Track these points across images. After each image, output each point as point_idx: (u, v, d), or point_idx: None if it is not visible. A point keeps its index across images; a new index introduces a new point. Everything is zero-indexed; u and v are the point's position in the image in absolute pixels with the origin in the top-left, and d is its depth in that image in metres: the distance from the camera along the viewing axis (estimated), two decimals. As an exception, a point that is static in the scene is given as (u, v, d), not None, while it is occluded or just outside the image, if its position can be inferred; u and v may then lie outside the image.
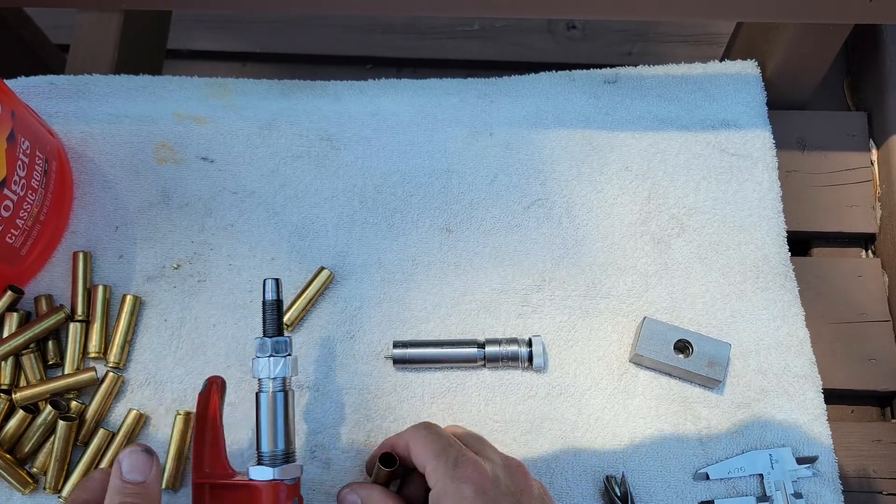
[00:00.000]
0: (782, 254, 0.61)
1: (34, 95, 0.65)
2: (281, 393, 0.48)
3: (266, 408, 0.48)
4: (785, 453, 0.54)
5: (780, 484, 0.54)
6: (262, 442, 0.48)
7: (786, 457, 0.54)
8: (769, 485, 0.54)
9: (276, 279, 0.50)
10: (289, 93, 0.67)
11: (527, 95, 0.67)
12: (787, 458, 0.54)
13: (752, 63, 0.69)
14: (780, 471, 0.54)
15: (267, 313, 0.49)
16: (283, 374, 0.49)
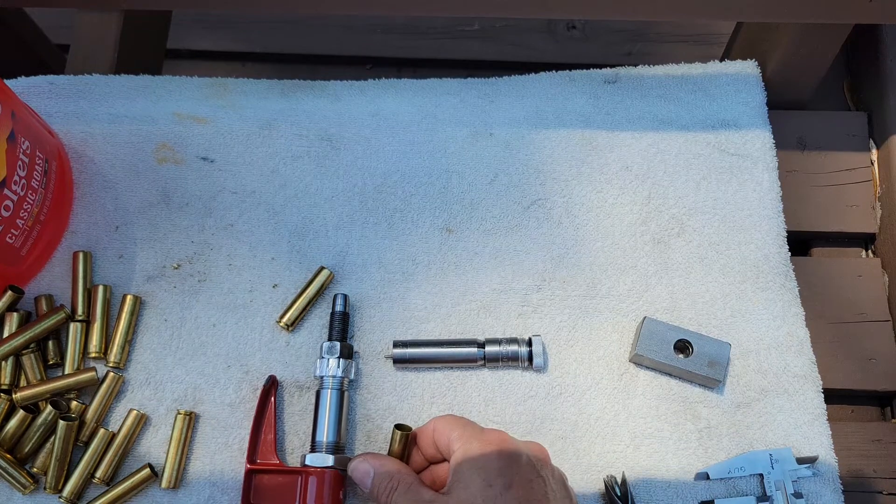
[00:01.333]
0: (782, 254, 0.62)
1: (34, 95, 0.65)
2: (339, 391, 0.54)
3: (325, 402, 0.54)
4: (785, 453, 0.54)
5: (780, 484, 0.54)
6: (319, 432, 0.53)
7: (786, 457, 0.54)
8: (769, 484, 0.54)
9: (344, 295, 0.58)
10: (289, 93, 0.67)
11: (527, 95, 0.67)
12: (788, 457, 0.54)
13: (752, 63, 0.69)
14: (780, 471, 0.54)
15: (335, 322, 0.57)
16: (344, 374, 0.55)
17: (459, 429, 0.48)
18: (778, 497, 0.52)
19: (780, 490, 0.53)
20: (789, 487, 0.53)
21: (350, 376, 0.56)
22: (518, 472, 0.44)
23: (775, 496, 0.52)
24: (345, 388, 0.55)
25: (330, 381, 0.55)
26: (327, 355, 0.55)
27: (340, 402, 0.54)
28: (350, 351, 0.56)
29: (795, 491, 0.54)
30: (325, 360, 0.55)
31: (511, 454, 0.45)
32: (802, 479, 0.54)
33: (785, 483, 0.53)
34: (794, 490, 0.54)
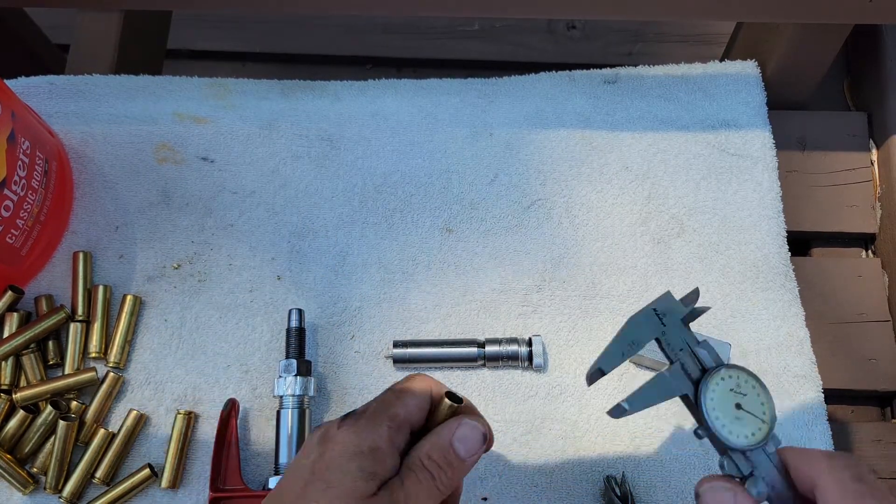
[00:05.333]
0: (782, 254, 0.61)
1: (34, 96, 0.65)
2: (299, 410, 0.53)
3: (286, 422, 0.53)
4: (668, 303, 0.51)
5: (679, 342, 0.50)
6: (282, 454, 0.52)
7: (672, 307, 0.51)
8: (668, 348, 0.50)
9: (299, 309, 0.56)
10: (289, 93, 0.67)
11: (527, 96, 0.67)
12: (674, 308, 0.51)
13: (752, 63, 0.69)
14: (672, 328, 0.50)
15: (291, 339, 0.55)
16: (303, 392, 0.54)
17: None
18: (684, 358, 0.43)
19: (683, 349, 0.43)
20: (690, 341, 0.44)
21: (310, 393, 0.54)
22: None
23: (680, 357, 0.43)
24: (305, 406, 0.54)
25: (290, 399, 0.53)
26: (284, 374, 0.54)
27: (301, 420, 0.53)
28: (308, 368, 0.55)
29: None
30: (282, 379, 0.54)
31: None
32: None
33: (687, 340, 0.44)
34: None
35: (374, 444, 0.38)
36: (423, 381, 0.43)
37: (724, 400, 0.40)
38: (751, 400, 0.40)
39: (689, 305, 0.44)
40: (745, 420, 0.40)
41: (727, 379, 0.41)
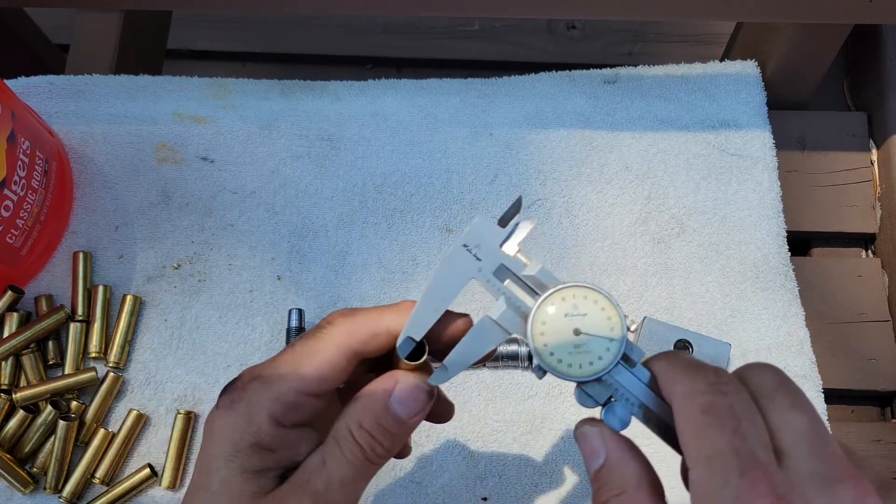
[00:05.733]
0: (782, 254, 0.61)
1: (34, 95, 0.65)
2: None
3: None
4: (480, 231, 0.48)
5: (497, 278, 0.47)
6: None
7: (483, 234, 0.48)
8: (486, 282, 0.48)
9: (299, 309, 0.56)
10: (289, 93, 0.67)
11: (527, 95, 0.67)
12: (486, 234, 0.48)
13: (752, 63, 0.69)
14: (487, 261, 0.48)
15: (291, 339, 0.56)
16: None
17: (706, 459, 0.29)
18: (510, 292, 0.35)
19: (509, 280, 0.36)
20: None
21: None
22: None
23: (505, 291, 0.36)
24: None
25: None
26: None
27: None
28: None
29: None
30: None
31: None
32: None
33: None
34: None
35: (254, 440, 0.32)
36: (368, 318, 0.34)
37: (559, 329, 0.34)
38: (593, 319, 0.34)
39: (509, 225, 0.37)
40: (587, 345, 0.34)
41: (559, 303, 0.34)
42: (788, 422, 0.29)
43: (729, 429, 0.28)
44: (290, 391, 0.33)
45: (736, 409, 0.29)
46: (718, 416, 0.28)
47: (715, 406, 0.29)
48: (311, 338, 0.34)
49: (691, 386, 0.30)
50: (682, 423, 0.29)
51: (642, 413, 0.34)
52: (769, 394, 0.30)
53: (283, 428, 0.33)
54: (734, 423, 0.28)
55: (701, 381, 0.30)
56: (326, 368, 0.33)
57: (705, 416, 0.29)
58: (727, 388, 0.29)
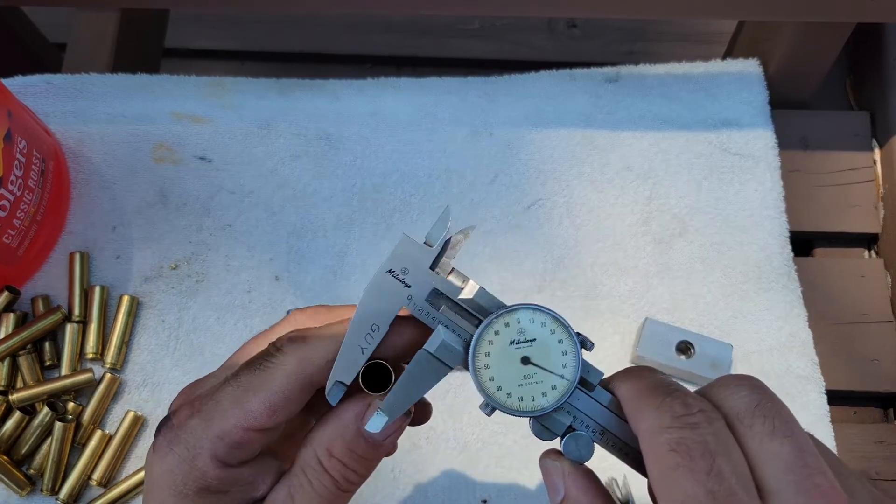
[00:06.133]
0: (785, 254, 0.61)
1: (31, 95, 0.65)
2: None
3: None
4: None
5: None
6: None
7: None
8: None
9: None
10: (287, 92, 0.67)
11: (527, 94, 0.67)
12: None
13: (755, 62, 0.68)
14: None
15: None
16: None
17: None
18: (447, 318, 0.32)
19: (444, 306, 0.32)
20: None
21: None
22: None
23: (441, 318, 0.32)
24: None
25: None
26: None
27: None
28: None
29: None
30: None
31: None
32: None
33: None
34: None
35: (199, 485, 0.29)
36: (323, 344, 0.31)
37: (504, 359, 0.31)
38: (542, 345, 0.31)
39: (437, 242, 0.32)
40: (538, 374, 0.30)
41: (503, 329, 0.31)
42: (769, 452, 0.25)
43: (702, 470, 0.25)
44: (235, 428, 0.29)
45: (709, 444, 0.25)
46: (689, 454, 0.25)
47: (684, 443, 0.25)
48: (257, 368, 0.30)
49: (657, 420, 0.27)
50: (651, 465, 0.26)
51: (605, 439, 0.31)
52: (746, 419, 0.27)
53: (231, 468, 0.29)
54: (707, 462, 0.25)
55: (666, 413, 0.27)
56: (277, 401, 0.30)
57: (675, 457, 0.25)
58: (697, 419, 0.26)
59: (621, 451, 0.31)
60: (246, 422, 0.29)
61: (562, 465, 0.30)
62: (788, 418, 0.26)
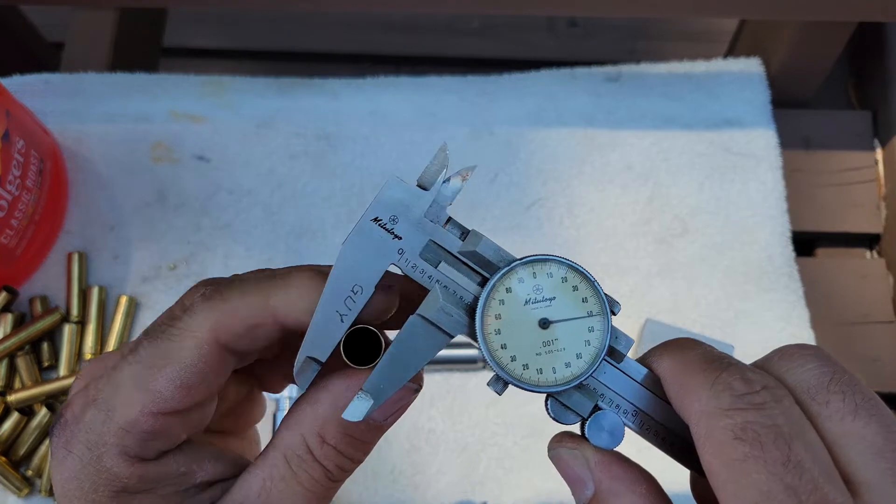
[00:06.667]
0: (787, 254, 0.61)
1: (29, 94, 0.64)
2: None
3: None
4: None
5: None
6: None
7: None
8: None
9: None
10: (286, 91, 0.66)
11: (527, 93, 0.67)
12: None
13: (756, 60, 0.68)
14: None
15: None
16: (299, 395, 0.51)
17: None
18: (446, 276, 0.26)
19: (443, 261, 0.26)
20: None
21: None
22: None
23: (438, 277, 0.26)
24: None
25: (286, 402, 0.53)
26: None
27: None
28: None
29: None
30: None
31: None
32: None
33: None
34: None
35: (113, 487, 0.24)
36: (244, 303, 0.25)
37: (519, 323, 0.25)
38: (563, 304, 0.25)
39: (434, 185, 0.27)
40: (559, 341, 0.25)
41: (517, 287, 0.25)
42: (853, 434, 0.21)
43: (777, 460, 0.20)
44: (143, 415, 0.24)
45: (782, 427, 0.21)
46: (759, 442, 0.21)
47: (751, 428, 0.21)
48: (160, 336, 0.25)
49: (713, 401, 0.22)
50: (709, 457, 0.22)
51: (639, 422, 0.26)
52: (819, 395, 0.22)
53: (151, 462, 0.24)
54: (782, 449, 0.20)
55: (724, 392, 0.22)
56: (190, 377, 0.24)
57: (741, 446, 0.21)
58: (762, 398, 0.22)
59: (659, 436, 0.26)
60: (155, 405, 0.24)
61: (583, 452, 0.25)
62: (869, 394, 0.22)
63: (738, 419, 0.21)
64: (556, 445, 0.26)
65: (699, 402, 0.23)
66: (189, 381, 0.24)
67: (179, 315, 0.25)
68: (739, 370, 0.23)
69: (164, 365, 0.24)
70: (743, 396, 0.22)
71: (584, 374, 0.25)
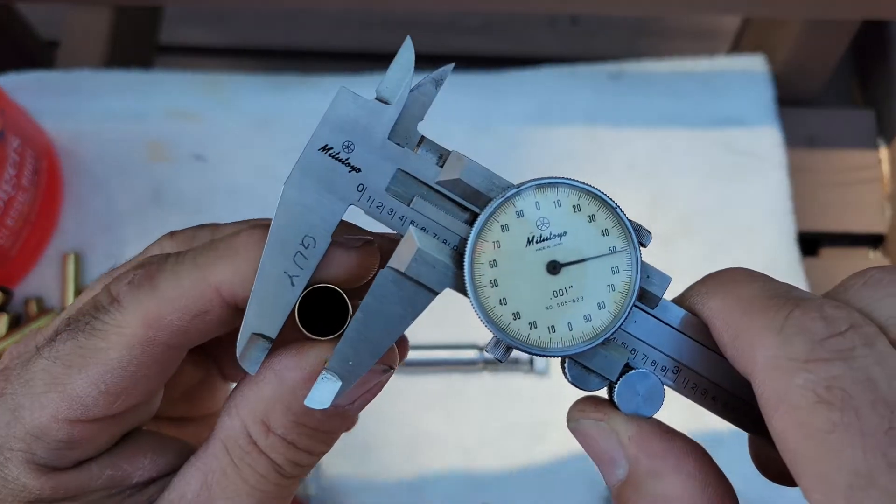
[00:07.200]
0: (792, 255, 0.60)
1: (24, 92, 0.64)
2: None
3: None
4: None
5: None
6: None
7: None
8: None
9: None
10: (283, 88, 0.66)
11: (529, 91, 0.66)
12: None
13: (760, 58, 0.67)
14: None
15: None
16: None
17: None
18: (421, 215, 0.22)
19: (417, 195, 0.23)
20: None
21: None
22: None
23: (410, 215, 0.22)
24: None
25: None
26: None
27: None
28: None
29: None
30: None
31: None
32: None
33: None
34: None
35: (23, 501, 0.20)
36: (182, 287, 0.20)
37: (521, 269, 0.20)
38: (577, 239, 0.20)
39: (397, 97, 0.21)
40: (574, 290, 0.20)
41: (516, 222, 0.20)
42: None
43: (878, 429, 0.15)
44: (57, 423, 0.20)
45: (878, 382, 0.16)
46: (852, 406, 0.16)
47: (839, 385, 0.16)
48: (82, 329, 0.21)
49: (786, 350, 0.17)
50: (784, 426, 0.17)
51: (681, 380, 0.22)
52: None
53: (67, 472, 0.21)
54: (884, 414, 0.15)
55: (798, 336, 0.17)
56: (116, 380, 0.20)
57: (827, 411, 0.16)
58: (852, 341, 0.16)
59: (708, 395, 0.22)
60: (71, 412, 0.20)
61: (613, 424, 0.21)
62: None
63: (820, 374, 0.16)
64: (579, 415, 0.22)
65: (765, 352, 0.17)
66: (116, 385, 0.20)
67: (105, 306, 0.21)
68: (816, 305, 0.18)
69: (84, 365, 0.20)
70: (825, 342, 0.17)
71: (610, 329, 0.20)
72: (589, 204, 0.20)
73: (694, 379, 0.22)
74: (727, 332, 0.19)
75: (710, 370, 0.21)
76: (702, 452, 0.21)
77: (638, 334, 0.21)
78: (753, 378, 0.18)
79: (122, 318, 0.21)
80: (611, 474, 0.21)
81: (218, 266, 0.20)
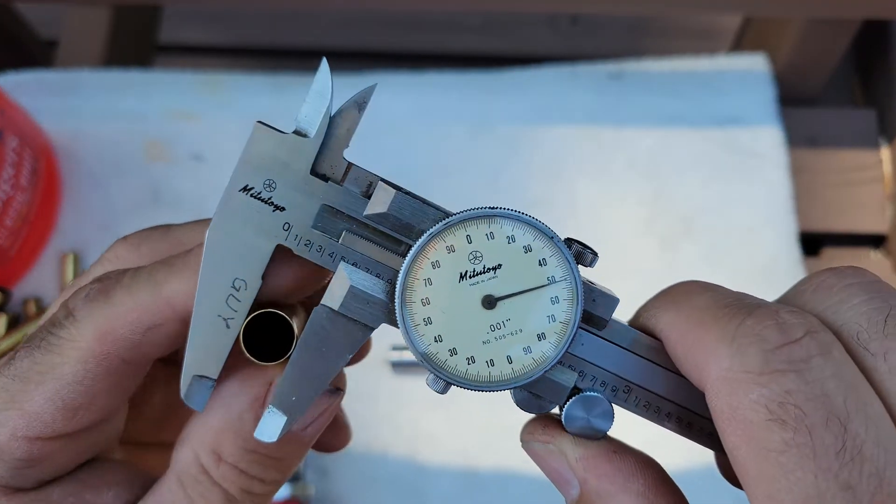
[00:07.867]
0: (793, 255, 0.60)
1: (22, 91, 0.64)
2: None
3: None
4: None
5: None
6: None
7: None
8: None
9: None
10: (283, 88, 0.66)
11: (529, 91, 0.66)
12: None
13: (761, 57, 0.67)
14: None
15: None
16: None
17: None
18: (352, 251, 0.22)
19: (346, 229, 0.22)
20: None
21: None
22: None
23: (341, 251, 0.22)
24: None
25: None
26: None
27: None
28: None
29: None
30: None
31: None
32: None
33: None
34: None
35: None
36: (135, 302, 0.20)
37: (456, 304, 0.20)
38: (513, 273, 0.20)
39: (316, 128, 0.21)
40: (512, 323, 0.20)
41: (446, 258, 0.20)
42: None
43: (830, 449, 0.15)
44: (15, 441, 0.20)
45: (832, 397, 0.15)
46: (805, 425, 0.15)
47: (792, 401, 0.15)
48: (39, 346, 0.21)
49: (738, 362, 0.16)
50: (736, 441, 0.16)
51: (633, 399, 0.21)
52: (873, 341, 0.16)
53: (28, 493, 0.21)
54: (837, 432, 0.15)
55: (753, 347, 0.16)
56: (74, 396, 0.20)
57: (779, 430, 0.15)
58: (807, 351, 0.16)
59: (662, 413, 0.21)
60: (30, 429, 0.20)
61: (560, 446, 0.20)
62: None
63: (774, 388, 0.15)
64: (528, 437, 0.21)
65: (718, 365, 0.17)
66: (73, 401, 0.20)
67: (61, 321, 0.21)
68: (771, 312, 0.17)
69: (41, 381, 0.20)
70: (779, 350, 0.16)
71: (552, 361, 0.20)
72: (524, 234, 0.20)
73: (646, 397, 0.21)
74: (680, 346, 0.19)
75: (664, 388, 0.21)
76: (653, 469, 0.20)
77: (586, 356, 0.21)
78: (707, 392, 0.18)
79: (77, 332, 0.21)
80: (566, 493, 0.21)
81: (171, 280, 0.21)
